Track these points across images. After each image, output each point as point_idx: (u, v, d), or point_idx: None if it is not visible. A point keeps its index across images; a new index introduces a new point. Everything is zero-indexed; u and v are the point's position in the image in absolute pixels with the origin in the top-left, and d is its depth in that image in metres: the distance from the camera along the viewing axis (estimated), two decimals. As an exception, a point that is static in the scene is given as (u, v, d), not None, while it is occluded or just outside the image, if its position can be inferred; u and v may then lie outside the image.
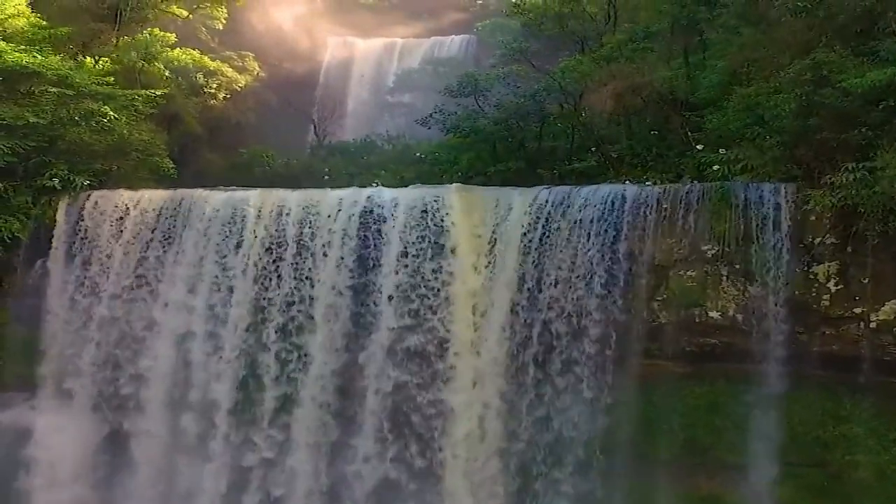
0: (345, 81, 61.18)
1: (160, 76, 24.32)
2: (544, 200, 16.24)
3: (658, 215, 15.36)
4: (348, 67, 61.79)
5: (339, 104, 59.74)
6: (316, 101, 60.21)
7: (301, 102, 58.91)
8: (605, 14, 21.01)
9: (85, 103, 18.66)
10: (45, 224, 19.06)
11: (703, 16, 18.02)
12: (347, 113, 59.10)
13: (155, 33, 26.99)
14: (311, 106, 60.16)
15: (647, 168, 20.11)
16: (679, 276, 15.43)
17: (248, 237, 17.60)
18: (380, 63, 62.34)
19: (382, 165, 32.02)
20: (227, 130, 49.55)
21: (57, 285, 19.00)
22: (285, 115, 57.30)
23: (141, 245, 18.57)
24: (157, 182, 22.04)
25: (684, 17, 18.24)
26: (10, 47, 18.73)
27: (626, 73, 17.34)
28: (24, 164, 18.52)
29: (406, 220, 16.47)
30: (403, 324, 16.10)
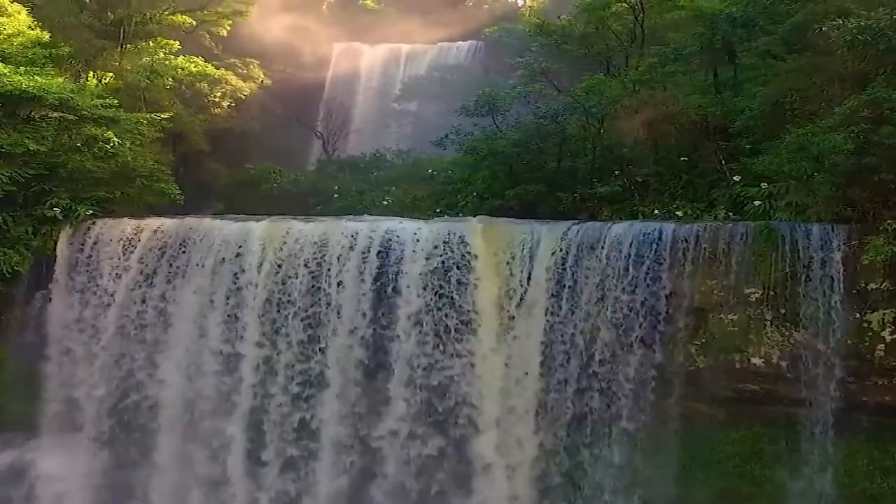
0: (351, 88, 60.34)
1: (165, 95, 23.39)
2: (574, 236, 15.34)
3: (697, 255, 14.46)
4: (354, 74, 60.93)
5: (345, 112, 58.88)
6: (321, 108, 59.44)
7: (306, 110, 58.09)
8: (630, 33, 20.05)
9: (87, 128, 17.76)
10: (45, 255, 18.17)
11: (738, 39, 17.11)
12: (353, 121, 58.27)
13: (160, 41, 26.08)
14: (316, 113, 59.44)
15: (675, 195, 19.22)
16: (719, 320, 14.55)
17: (257, 271, 16.70)
18: (386, 69, 61.47)
19: (393, 181, 31.12)
20: (231, 140, 48.60)
21: (59, 318, 18.12)
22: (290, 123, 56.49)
23: (146, 277, 17.70)
24: (163, 205, 21.27)
25: (718, 39, 17.31)
26: (10, 69, 17.81)
27: (658, 101, 16.42)
28: (23, 192, 17.61)
29: (427, 258, 15.57)
30: (423, 366, 15.24)
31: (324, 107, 57.67)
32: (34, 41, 21.69)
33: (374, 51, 61.77)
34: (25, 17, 22.99)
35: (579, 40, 20.05)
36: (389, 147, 35.13)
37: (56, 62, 19.78)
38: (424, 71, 57.42)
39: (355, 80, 60.72)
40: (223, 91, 45.99)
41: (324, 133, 32.52)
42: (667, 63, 18.21)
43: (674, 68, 18.17)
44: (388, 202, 28.84)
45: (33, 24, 22.25)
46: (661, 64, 18.17)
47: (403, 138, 52.63)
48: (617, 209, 20.91)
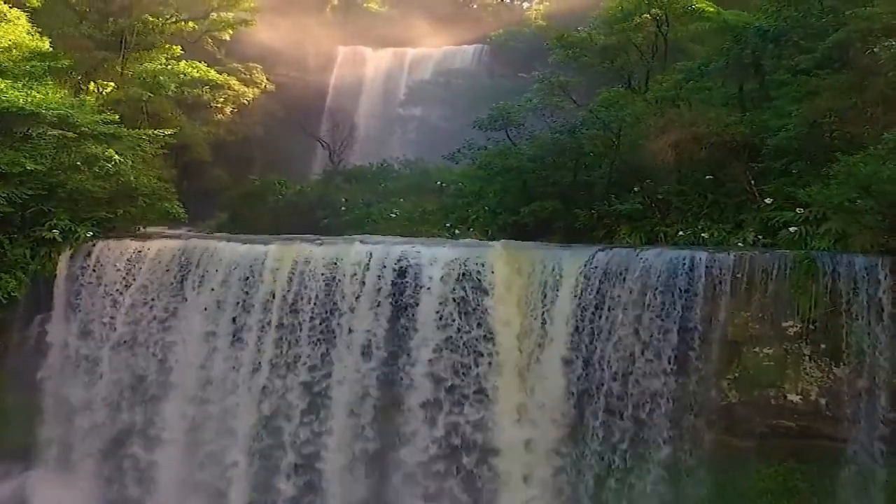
0: (355, 92, 59.62)
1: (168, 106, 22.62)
2: (600, 263, 14.57)
3: (732, 285, 13.69)
4: (358, 78, 60.21)
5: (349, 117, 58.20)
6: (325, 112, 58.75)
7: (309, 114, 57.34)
8: (651, 46, 19.23)
9: (87, 146, 16.98)
10: (44, 276, 17.41)
11: (769, 54, 16.31)
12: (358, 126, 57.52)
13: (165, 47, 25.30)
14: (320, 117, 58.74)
15: (699, 215, 18.44)
16: (754, 354, 13.77)
17: (267, 297, 15.95)
18: (390, 73, 60.76)
19: (401, 193, 30.29)
20: (233, 144, 48.01)
21: (58, 344, 17.36)
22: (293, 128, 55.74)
23: (149, 302, 16.95)
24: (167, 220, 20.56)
25: (747, 54, 16.52)
26: (7, 84, 17.04)
27: (687, 121, 15.62)
28: (21, 213, 16.83)
29: (445, 286, 14.81)
30: (440, 402, 14.47)
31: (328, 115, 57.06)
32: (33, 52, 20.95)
33: (379, 55, 61.04)
34: (25, 23, 22.30)
35: (600, 53, 19.25)
36: (396, 156, 34.31)
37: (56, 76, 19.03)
38: (429, 75, 56.72)
39: (359, 85, 60.00)
40: (225, 97, 45.34)
41: (330, 144, 31.53)
42: (693, 78, 17.40)
43: (700, 84, 17.36)
44: (397, 214, 28.04)
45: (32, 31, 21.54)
46: (686, 80, 17.36)
47: (408, 144, 51.97)
48: (636, 227, 20.09)
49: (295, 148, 52.91)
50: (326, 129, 58.24)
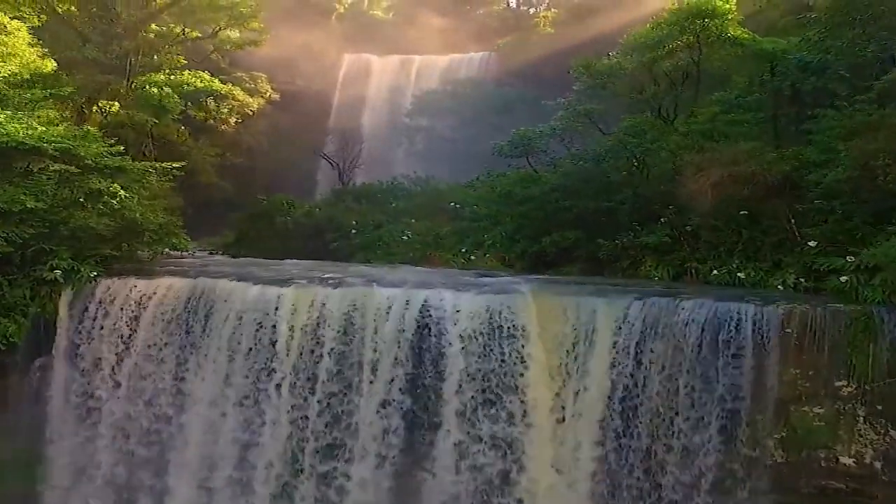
0: (361, 100, 58.83)
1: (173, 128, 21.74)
2: (638, 314, 13.69)
3: (781, 340, 12.81)
4: (364, 86, 59.44)
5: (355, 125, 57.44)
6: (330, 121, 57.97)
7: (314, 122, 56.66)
8: (682, 74, 18.29)
9: (91, 180, 16.09)
10: (44, 318, 16.53)
11: (810, 87, 15.43)
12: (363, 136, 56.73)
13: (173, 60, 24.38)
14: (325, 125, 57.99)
15: (733, 251, 17.58)
16: (803, 413, 12.89)
17: (282, 344, 15.06)
18: (396, 81, 60.01)
19: (412, 213, 29.48)
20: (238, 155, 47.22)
21: (60, 389, 16.46)
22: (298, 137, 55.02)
23: (156, 347, 16.07)
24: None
25: (787, 86, 15.63)
26: (6, 116, 16.18)
27: (728, 160, 14.74)
28: (21, 252, 15.93)
29: (471, 339, 13.93)
30: (465, 467, 13.59)
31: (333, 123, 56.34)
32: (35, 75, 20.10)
33: (385, 62, 60.29)
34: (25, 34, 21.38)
35: (629, 81, 18.36)
36: (405, 172, 33.42)
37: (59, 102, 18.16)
38: (436, 83, 55.99)
39: (365, 92, 59.24)
40: (230, 107, 44.50)
41: (340, 163, 30.66)
42: (729, 110, 16.51)
43: (736, 116, 16.46)
44: (409, 237, 27.24)
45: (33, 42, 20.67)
46: (722, 111, 16.46)
47: (415, 155, 51.24)
48: (664, 261, 19.29)
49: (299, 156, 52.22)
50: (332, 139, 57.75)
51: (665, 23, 17.58)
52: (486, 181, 23.30)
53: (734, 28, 17.05)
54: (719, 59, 17.48)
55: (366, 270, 20.39)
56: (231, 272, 18.01)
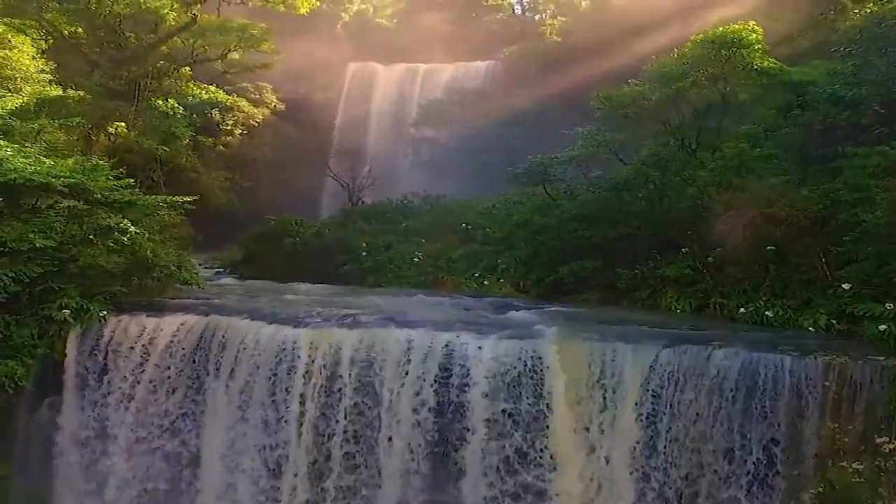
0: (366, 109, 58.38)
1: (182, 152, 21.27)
2: (667, 363, 13.23)
3: (818, 394, 12.34)
4: (369, 94, 58.99)
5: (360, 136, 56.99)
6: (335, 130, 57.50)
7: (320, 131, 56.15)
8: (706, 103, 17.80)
9: (101, 216, 15.62)
10: (53, 357, 16.08)
11: (843, 121, 14.97)
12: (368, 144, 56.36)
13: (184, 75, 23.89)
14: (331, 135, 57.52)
15: (759, 287, 17.12)
16: (842, 469, 12.40)
17: (298, 389, 14.62)
18: (402, 90, 59.53)
19: (423, 232, 29.01)
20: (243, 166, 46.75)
21: (69, 429, 15.97)
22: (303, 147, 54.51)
23: (168, 387, 15.64)
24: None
25: (818, 121, 15.17)
26: (13, 150, 15.73)
27: (760, 199, 14.28)
28: (28, 290, 15.47)
29: (495, 386, 13.49)
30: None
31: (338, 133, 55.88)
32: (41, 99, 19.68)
33: (390, 70, 59.81)
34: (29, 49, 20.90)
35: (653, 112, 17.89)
36: (414, 189, 32.83)
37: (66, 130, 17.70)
38: (441, 92, 55.50)
39: (370, 101, 58.76)
40: (235, 118, 44.07)
41: (349, 183, 30.18)
42: (757, 144, 16.04)
43: (765, 151, 15.98)
44: (420, 258, 26.80)
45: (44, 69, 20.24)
46: (751, 146, 15.98)
47: (421, 166, 50.76)
48: (686, 292, 18.88)
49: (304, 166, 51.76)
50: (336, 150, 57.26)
51: (691, 54, 17.12)
52: (501, 206, 22.79)
53: (762, 58, 16.60)
54: (746, 90, 17.00)
55: (380, 301, 19.96)
56: (243, 307, 17.58)
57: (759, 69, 16.47)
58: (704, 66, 16.78)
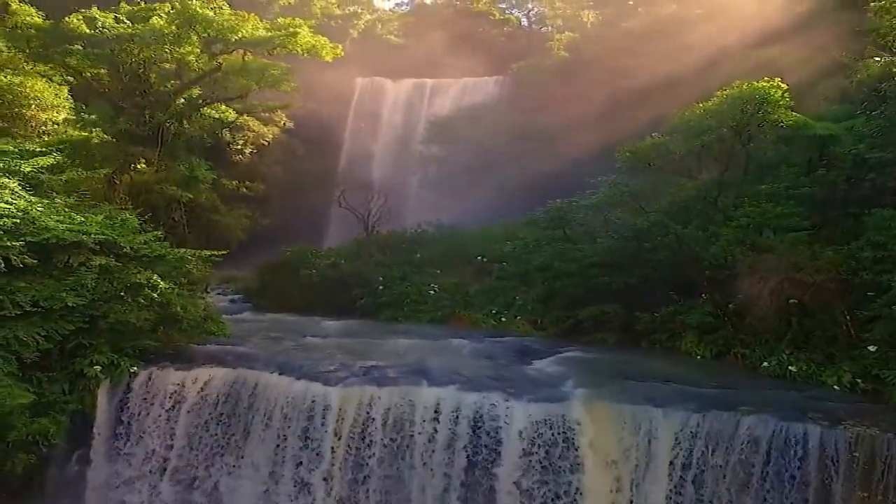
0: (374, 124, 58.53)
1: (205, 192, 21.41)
2: (698, 428, 13.39)
3: (849, 464, 12.50)
4: (377, 109, 59.13)
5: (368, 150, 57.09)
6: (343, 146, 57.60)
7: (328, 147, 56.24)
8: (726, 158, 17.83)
9: (131, 272, 15.75)
10: (82, 411, 16.23)
11: (868, 182, 15.07)
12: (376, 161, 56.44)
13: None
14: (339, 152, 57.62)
15: (781, 338, 17.27)
16: (872, 538, 12.61)
17: (328, 447, 14.77)
18: (410, 105, 59.68)
19: (438, 263, 29.17)
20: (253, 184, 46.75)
21: (98, 483, 16.16)
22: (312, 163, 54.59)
23: (197, 442, 15.80)
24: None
25: (841, 181, 15.29)
26: (44, 206, 15.88)
27: (787, 265, 14.41)
28: (60, 346, 15.63)
29: (525, 450, 13.66)
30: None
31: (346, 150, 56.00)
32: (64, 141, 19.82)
33: (398, 85, 59.96)
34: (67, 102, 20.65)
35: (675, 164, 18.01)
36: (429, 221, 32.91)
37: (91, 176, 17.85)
38: (449, 108, 55.64)
39: (378, 116, 58.90)
40: (245, 138, 44.17)
41: (365, 215, 30.29)
42: (779, 202, 16.17)
43: (787, 209, 16.09)
44: (436, 291, 26.96)
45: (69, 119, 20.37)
46: (773, 204, 16.10)
47: (429, 184, 50.84)
48: (706, 339, 19.05)
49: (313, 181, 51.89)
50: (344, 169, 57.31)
51: (716, 109, 17.24)
52: (520, 248, 22.92)
53: (786, 115, 16.72)
54: (770, 145, 17.08)
55: (402, 345, 20.16)
56: (268, 355, 17.76)
57: (783, 126, 16.57)
58: (729, 121, 16.92)
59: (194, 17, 18.22)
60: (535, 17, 70.62)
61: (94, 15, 18.71)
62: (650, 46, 41.66)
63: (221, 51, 19.36)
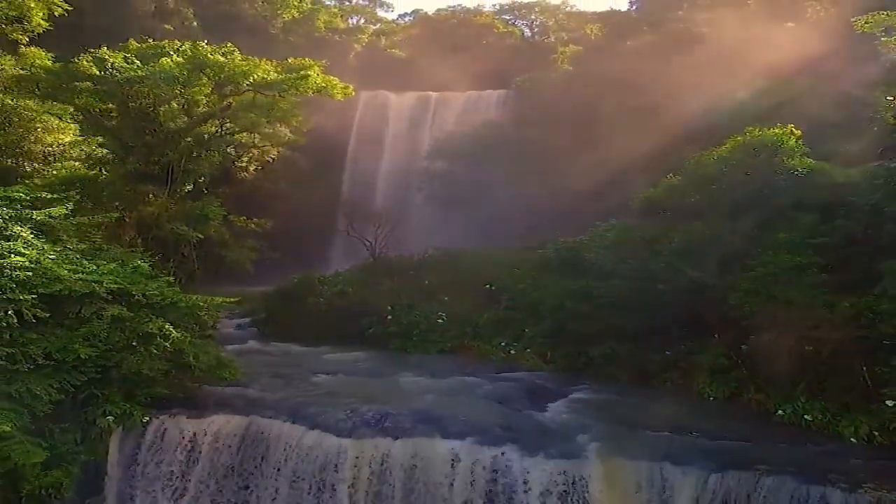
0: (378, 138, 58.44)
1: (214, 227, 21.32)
2: (716, 487, 13.31)
3: (869, 530, 12.44)
4: (381, 123, 59.05)
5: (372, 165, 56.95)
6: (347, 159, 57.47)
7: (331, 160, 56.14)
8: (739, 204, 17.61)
9: (143, 321, 15.68)
10: (94, 461, 16.13)
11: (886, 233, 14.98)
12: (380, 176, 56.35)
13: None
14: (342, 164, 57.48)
15: (795, 383, 17.17)
16: None
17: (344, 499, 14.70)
18: (414, 118, 59.58)
19: (446, 289, 28.94)
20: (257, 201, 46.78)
21: (110, 532, 16.14)
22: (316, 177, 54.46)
23: (210, 492, 15.72)
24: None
25: (858, 231, 15.19)
26: (56, 254, 15.81)
27: (807, 323, 14.31)
28: (72, 397, 15.55)
29: None
30: None
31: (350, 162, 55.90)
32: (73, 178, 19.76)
33: (402, 98, 59.87)
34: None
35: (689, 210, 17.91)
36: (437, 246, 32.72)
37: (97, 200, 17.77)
38: (454, 120, 55.57)
39: (382, 130, 58.78)
40: (250, 155, 44.09)
41: (372, 242, 30.16)
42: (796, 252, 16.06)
43: (805, 259, 15.98)
44: (444, 319, 26.84)
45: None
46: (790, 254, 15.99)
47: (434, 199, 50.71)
48: (718, 379, 18.99)
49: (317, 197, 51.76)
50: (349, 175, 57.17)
51: (729, 157, 17.13)
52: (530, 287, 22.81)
53: (801, 161, 16.61)
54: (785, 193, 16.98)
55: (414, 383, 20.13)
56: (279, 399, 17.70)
57: (799, 173, 16.46)
58: (742, 168, 16.81)
59: (205, 63, 18.12)
60: (538, 27, 70.54)
61: (103, 56, 18.60)
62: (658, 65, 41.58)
63: (232, 91, 19.26)
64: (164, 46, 20.55)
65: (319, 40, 57.01)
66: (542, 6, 67.13)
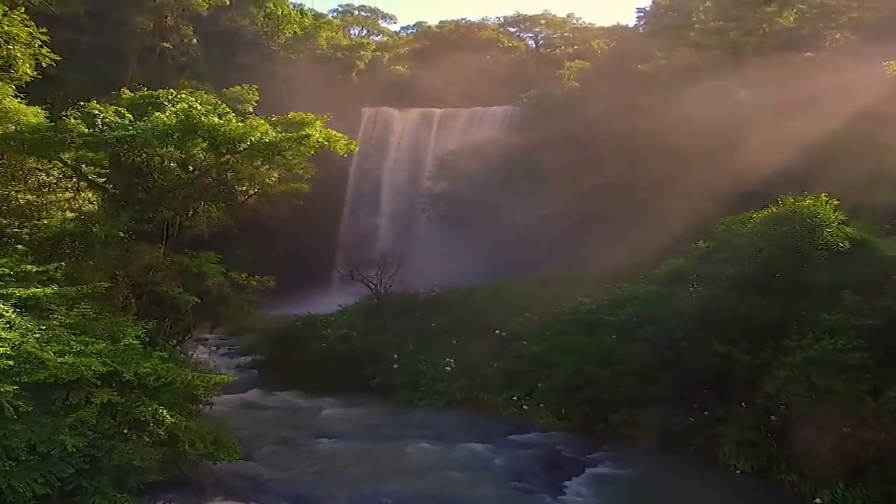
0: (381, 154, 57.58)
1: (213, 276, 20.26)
2: None
3: None
4: (385, 139, 58.19)
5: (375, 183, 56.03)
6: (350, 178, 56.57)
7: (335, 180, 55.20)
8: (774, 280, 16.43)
9: (134, 406, 14.58)
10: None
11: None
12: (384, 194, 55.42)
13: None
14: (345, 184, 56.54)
15: (834, 465, 16.06)
16: None
17: None
18: (417, 135, 58.73)
19: (453, 332, 27.93)
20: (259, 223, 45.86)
21: None
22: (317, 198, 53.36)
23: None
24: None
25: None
26: (41, 333, 14.73)
27: (852, 419, 13.23)
28: (59, 489, 14.42)
29: None
30: None
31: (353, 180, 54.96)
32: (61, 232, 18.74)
33: (405, 115, 58.98)
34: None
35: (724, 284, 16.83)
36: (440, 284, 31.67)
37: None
38: (458, 137, 54.73)
39: (386, 146, 57.91)
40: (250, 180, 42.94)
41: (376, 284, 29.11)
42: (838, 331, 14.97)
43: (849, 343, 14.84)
44: (452, 367, 25.80)
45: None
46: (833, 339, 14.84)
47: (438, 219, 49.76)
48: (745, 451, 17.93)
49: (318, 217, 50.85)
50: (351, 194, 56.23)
51: (765, 231, 16.00)
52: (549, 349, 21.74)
53: (840, 233, 15.50)
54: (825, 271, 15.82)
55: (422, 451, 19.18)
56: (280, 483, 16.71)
57: (840, 249, 15.32)
58: (779, 244, 15.67)
59: (199, 125, 17.09)
60: (543, 40, 69.44)
61: (93, 111, 17.56)
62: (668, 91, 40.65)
63: (229, 150, 18.25)
64: (158, 97, 19.50)
65: (321, 57, 55.92)
66: (548, 19, 65.97)
